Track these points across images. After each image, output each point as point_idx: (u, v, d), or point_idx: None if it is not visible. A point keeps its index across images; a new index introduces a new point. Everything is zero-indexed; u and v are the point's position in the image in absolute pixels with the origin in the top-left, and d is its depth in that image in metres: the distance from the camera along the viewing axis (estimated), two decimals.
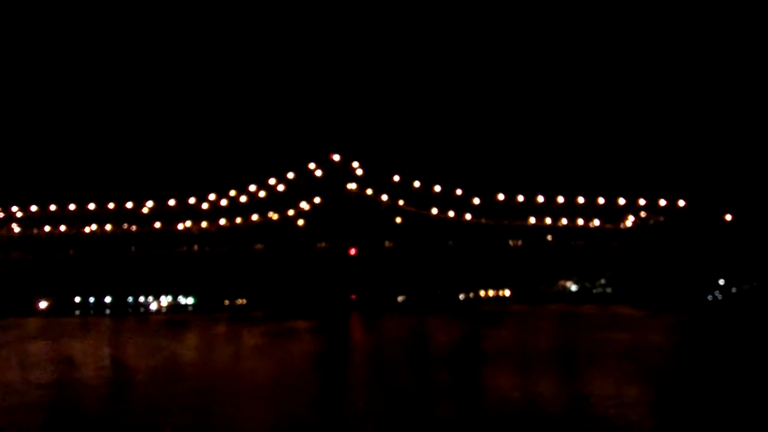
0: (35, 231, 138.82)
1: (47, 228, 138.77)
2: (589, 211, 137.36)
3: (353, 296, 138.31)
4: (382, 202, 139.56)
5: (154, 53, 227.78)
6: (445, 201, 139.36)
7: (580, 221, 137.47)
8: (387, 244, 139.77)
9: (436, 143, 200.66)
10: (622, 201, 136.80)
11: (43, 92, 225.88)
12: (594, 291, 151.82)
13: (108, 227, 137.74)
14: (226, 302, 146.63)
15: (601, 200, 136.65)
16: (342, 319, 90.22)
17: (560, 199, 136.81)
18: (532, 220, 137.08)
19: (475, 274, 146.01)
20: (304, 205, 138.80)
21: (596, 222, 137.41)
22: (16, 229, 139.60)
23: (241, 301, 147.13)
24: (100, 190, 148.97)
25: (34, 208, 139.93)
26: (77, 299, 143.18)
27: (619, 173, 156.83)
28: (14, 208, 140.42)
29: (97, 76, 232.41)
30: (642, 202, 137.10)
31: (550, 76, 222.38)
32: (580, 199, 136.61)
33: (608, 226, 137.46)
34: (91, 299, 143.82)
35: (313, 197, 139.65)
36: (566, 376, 28.35)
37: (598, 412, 21.26)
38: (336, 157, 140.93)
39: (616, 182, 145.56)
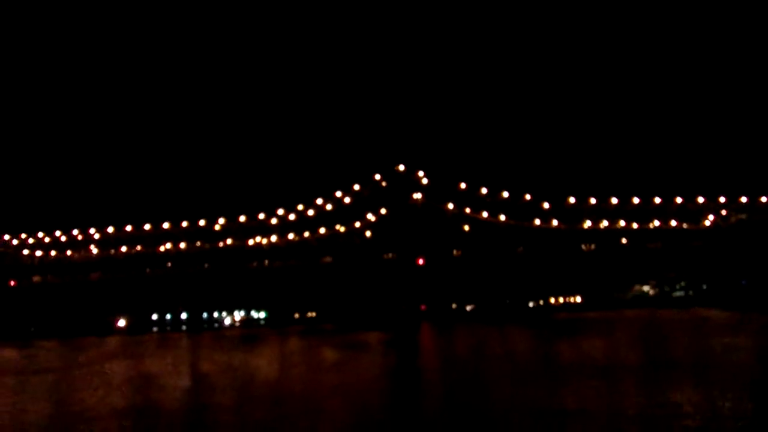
0: (112, 251, 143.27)
1: (124, 248, 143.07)
2: (666, 211, 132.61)
3: (423, 306, 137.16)
4: (448, 210, 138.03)
5: (222, 71, 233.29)
6: (513, 207, 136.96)
7: (656, 222, 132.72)
8: (455, 252, 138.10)
9: (502, 148, 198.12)
10: (701, 200, 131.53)
11: (117, 117, 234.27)
12: (674, 294, 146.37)
13: (182, 245, 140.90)
14: (297, 315, 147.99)
15: (678, 200, 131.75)
16: (413, 330, 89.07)
17: (635, 200, 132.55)
18: (605, 222, 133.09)
19: (546, 280, 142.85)
20: (371, 217, 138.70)
21: (673, 223, 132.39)
22: (95, 250, 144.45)
23: (311, 314, 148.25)
24: (173, 209, 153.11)
25: (110, 229, 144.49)
26: (154, 316, 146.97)
27: (697, 170, 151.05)
28: (92, 230, 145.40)
29: (169, 98, 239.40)
30: (722, 199, 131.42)
31: (620, 74, 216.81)
32: (657, 200, 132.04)
33: (687, 226, 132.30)
34: (168, 316, 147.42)
35: (380, 208, 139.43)
36: (675, 388, 26.31)
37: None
38: (401, 167, 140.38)
39: (694, 180, 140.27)
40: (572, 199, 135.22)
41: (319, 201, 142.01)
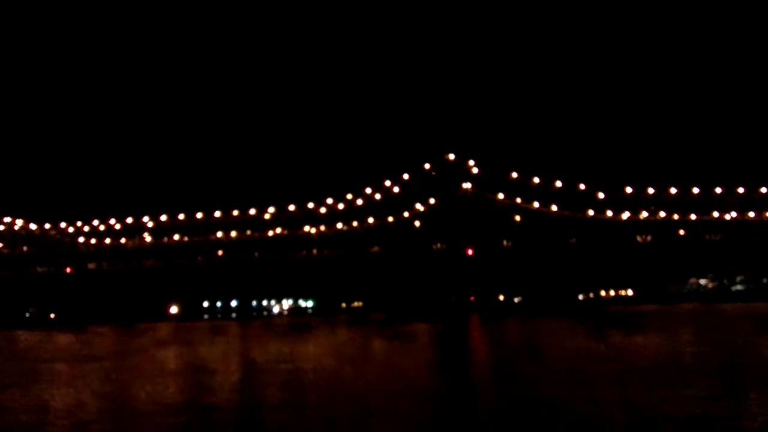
0: (165, 239, 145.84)
1: (176, 236, 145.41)
2: (726, 202, 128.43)
3: (472, 298, 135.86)
4: (499, 200, 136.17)
5: (276, 64, 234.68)
6: (566, 197, 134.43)
7: (716, 214, 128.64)
8: (505, 243, 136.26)
9: (555, 136, 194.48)
10: (763, 190, 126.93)
11: (170, 108, 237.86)
12: (732, 288, 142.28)
13: (233, 234, 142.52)
14: (343, 305, 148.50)
15: (740, 190, 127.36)
16: (463, 321, 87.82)
17: (695, 191, 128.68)
18: (663, 213, 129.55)
19: (598, 273, 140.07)
20: (420, 207, 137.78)
21: (734, 214, 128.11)
22: (148, 238, 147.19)
23: (357, 304, 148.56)
24: (224, 198, 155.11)
25: (164, 218, 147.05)
26: (205, 304, 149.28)
27: (759, 160, 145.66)
28: (146, 219, 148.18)
29: (221, 90, 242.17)
30: None
31: (680, 61, 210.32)
32: (717, 190, 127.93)
33: (749, 217, 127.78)
34: (218, 303, 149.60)
35: (429, 198, 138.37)
36: (749, 390, 24.69)
37: None
38: (451, 156, 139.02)
39: (756, 170, 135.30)
40: (629, 189, 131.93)
41: (368, 190, 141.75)
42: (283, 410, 23.82)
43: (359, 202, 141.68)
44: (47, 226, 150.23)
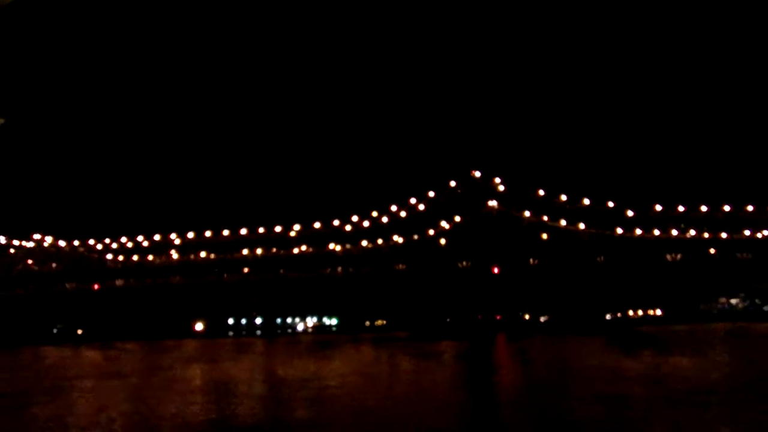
0: (192, 256, 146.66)
1: (203, 253, 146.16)
2: (758, 220, 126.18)
3: (498, 316, 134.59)
4: (525, 218, 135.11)
5: (303, 81, 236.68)
6: (594, 214, 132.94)
7: (747, 232, 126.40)
8: (531, 261, 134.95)
9: (583, 153, 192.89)
10: None
11: (199, 125, 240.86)
12: (765, 308, 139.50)
13: (258, 251, 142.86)
14: (367, 323, 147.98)
15: None
16: (489, 340, 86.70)
17: (726, 208, 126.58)
18: (693, 231, 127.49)
19: (626, 292, 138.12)
20: (445, 224, 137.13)
21: (765, 232, 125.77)
22: (175, 255, 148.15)
23: (380, 322, 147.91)
24: (250, 216, 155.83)
25: (190, 235, 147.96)
26: (230, 321, 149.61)
27: None
28: (173, 236, 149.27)
29: (248, 108, 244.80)
30: None
31: (706, 83, 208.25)
32: (749, 208, 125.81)
33: None
34: (243, 321, 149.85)
35: (454, 215, 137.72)
36: None
37: None
38: (477, 174, 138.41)
39: None
40: (658, 207, 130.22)
41: (394, 208, 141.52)
42: (309, 428, 23.46)
43: (384, 219, 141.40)
44: (76, 242, 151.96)
